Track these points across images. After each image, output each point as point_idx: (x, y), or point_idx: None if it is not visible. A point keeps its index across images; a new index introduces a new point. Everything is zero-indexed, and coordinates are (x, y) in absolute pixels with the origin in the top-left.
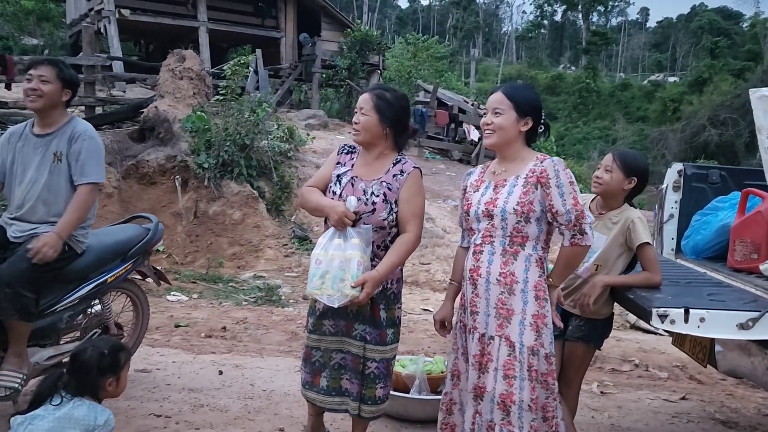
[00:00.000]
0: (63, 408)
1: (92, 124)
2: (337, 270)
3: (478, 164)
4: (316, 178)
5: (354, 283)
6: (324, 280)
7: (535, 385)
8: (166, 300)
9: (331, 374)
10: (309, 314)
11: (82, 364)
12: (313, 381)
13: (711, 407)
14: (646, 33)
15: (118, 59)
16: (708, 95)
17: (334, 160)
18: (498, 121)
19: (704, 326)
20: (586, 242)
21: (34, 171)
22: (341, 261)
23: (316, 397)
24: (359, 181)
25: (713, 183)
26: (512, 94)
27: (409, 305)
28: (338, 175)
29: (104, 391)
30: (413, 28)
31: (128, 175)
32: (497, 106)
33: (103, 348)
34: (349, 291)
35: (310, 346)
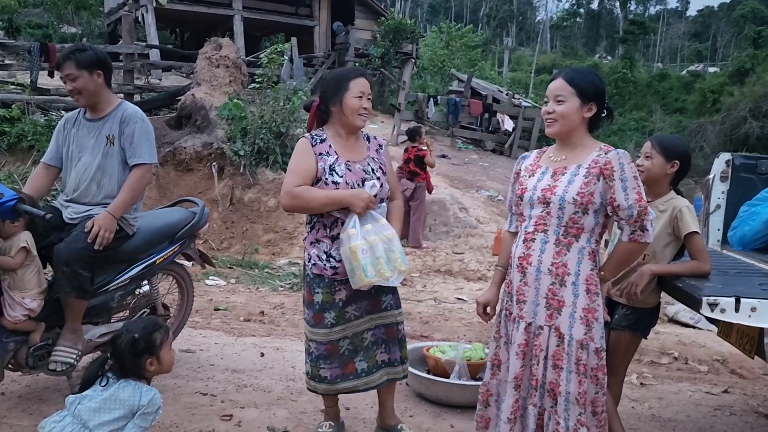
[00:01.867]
0: (110, 389)
1: None
2: (384, 252)
3: (512, 155)
4: (301, 175)
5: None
6: (378, 266)
7: (582, 379)
8: (204, 284)
9: (367, 354)
10: (321, 310)
11: (117, 349)
12: (344, 372)
13: (754, 401)
14: (686, 22)
15: (155, 47)
16: (750, 86)
17: (310, 153)
18: (561, 109)
19: (755, 315)
20: (646, 239)
21: (88, 154)
22: (384, 243)
23: (356, 383)
24: (354, 164)
25: (762, 174)
26: (574, 80)
27: (443, 294)
28: (330, 165)
29: (147, 371)
30: (446, 17)
31: (165, 161)
32: (559, 93)
33: (135, 332)
34: (403, 267)
35: (333, 340)
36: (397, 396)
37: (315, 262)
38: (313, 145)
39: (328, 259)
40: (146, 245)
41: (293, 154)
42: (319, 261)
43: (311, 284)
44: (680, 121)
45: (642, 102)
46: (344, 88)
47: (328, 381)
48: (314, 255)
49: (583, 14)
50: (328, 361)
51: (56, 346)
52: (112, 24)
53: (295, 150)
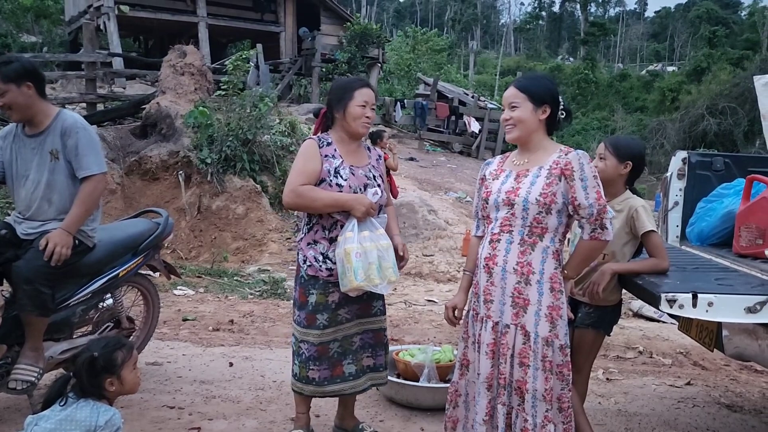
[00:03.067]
0: (67, 409)
1: (94, 121)
2: (377, 259)
3: (479, 156)
4: (306, 174)
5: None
6: (369, 271)
7: (549, 376)
8: (172, 294)
9: (355, 357)
10: (315, 311)
11: (77, 368)
12: (332, 374)
13: (716, 392)
14: (645, 23)
15: (118, 55)
16: (706, 84)
17: (317, 154)
18: (516, 114)
19: (712, 310)
20: (605, 237)
21: (34, 172)
22: (379, 251)
23: (343, 386)
24: (357, 169)
25: (717, 170)
26: (525, 86)
27: (413, 296)
28: (335, 167)
29: (108, 391)
30: (411, 21)
31: (131, 171)
32: (512, 100)
33: (95, 350)
34: (393, 277)
35: (324, 341)
36: (367, 401)
37: (311, 263)
38: (320, 147)
39: (324, 261)
40: (108, 258)
41: (299, 153)
42: (315, 262)
43: (305, 285)
44: (641, 120)
45: (604, 102)
46: (348, 96)
47: (316, 383)
48: (310, 256)
49: (545, 17)
50: (317, 363)
51: (16, 365)
52: (73, 32)
53: (301, 150)
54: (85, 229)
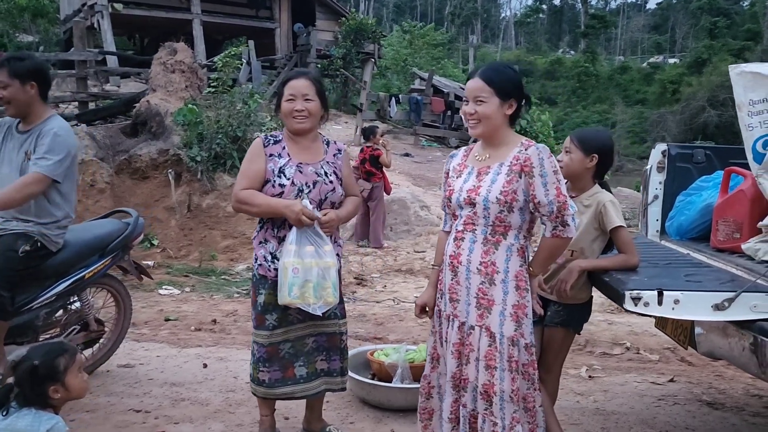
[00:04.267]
0: (8, 419)
1: (84, 120)
2: (316, 278)
3: None
4: (249, 177)
5: (322, 219)
6: (305, 289)
7: (515, 376)
8: (157, 294)
9: (307, 360)
10: (264, 311)
11: (17, 378)
12: (284, 376)
13: (698, 389)
14: (645, 15)
15: (111, 54)
16: (707, 76)
17: (261, 154)
18: (482, 109)
19: (678, 308)
20: (568, 234)
21: (7, 167)
22: (319, 269)
23: (294, 389)
24: (306, 166)
25: (698, 163)
26: (492, 79)
27: (403, 294)
28: (280, 167)
29: (52, 399)
30: (411, 16)
31: (121, 170)
32: (478, 94)
33: (35, 358)
34: (331, 299)
35: (274, 342)
36: (339, 402)
37: (261, 262)
38: (265, 146)
39: (273, 261)
40: (74, 259)
41: (246, 156)
42: (265, 262)
43: (256, 285)
44: (642, 112)
45: (604, 95)
46: (281, 92)
47: (266, 384)
48: (260, 255)
49: (546, 10)
50: (267, 364)
51: None
52: (68, 31)
53: (248, 151)
54: (51, 233)
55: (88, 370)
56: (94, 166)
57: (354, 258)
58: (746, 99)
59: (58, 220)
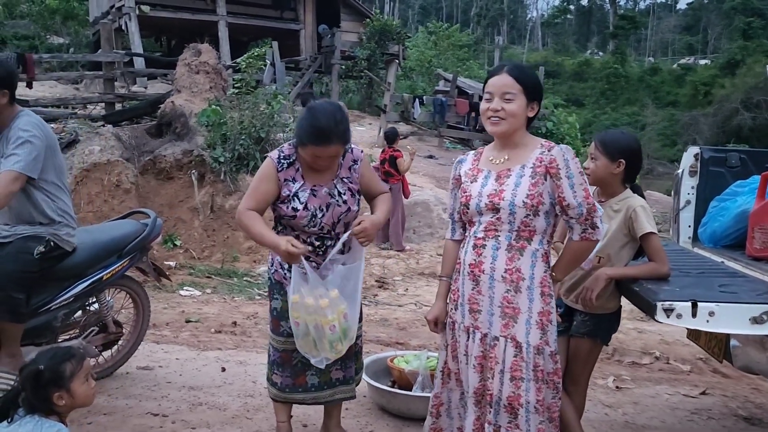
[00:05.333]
0: (11, 426)
1: (111, 121)
2: (315, 333)
3: None
4: (256, 198)
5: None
6: (306, 341)
7: (541, 386)
8: (179, 295)
9: (320, 370)
10: (279, 317)
11: (22, 383)
12: (294, 383)
13: (733, 403)
14: (676, 15)
15: (138, 55)
16: (741, 77)
17: (274, 178)
18: (510, 108)
19: (714, 321)
20: (596, 237)
21: None
22: (317, 325)
23: (304, 396)
24: (320, 188)
25: (732, 167)
26: (521, 78)
27: (426, 297)
28: (294, 191)
29: (57, 405)
30: (437, 18)
31: (146, 170)
32: (508, 90)
33: (41, 363)
34: (330, 354)
35: (288, 349)
36: (359, 410)
37: (276, 268)
38: (279, 171)
39: (289, 269)
40: (92, 260)
41: (256, 174)
42: (281, 268)
43: (271, 290)
44: (673, 114)
45: (634, 96)
46: (302, 144)
47: (278, 387)
48: (276, 261)
49: (574, 11)
50: (280, 369)
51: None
52: (96, 33)
53: (258, 171)
54: (59, 233)
55: (107, 372)
56: (120, 167)
57: (376, 261)
58: None
59: (56, 221)
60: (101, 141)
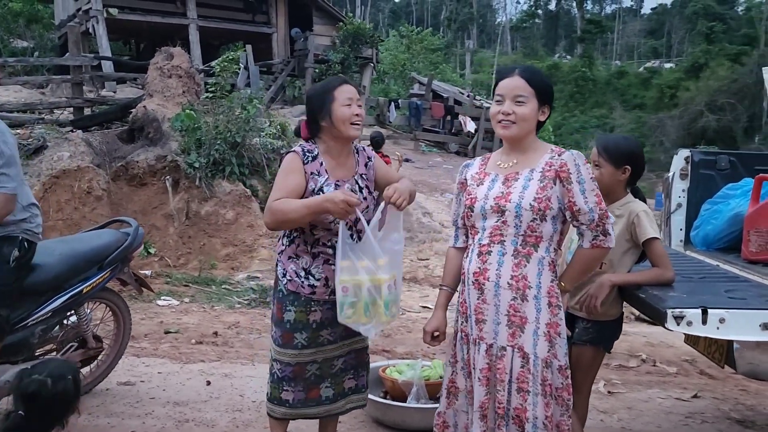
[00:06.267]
0: None
1: (80, 126)
2: (367, 297)
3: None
4: (286, 190)
5: (387, 193)
6: (355, 308)
7: (549, 401)
8: (156, 305)
9: (334, 381)
10: (293, 329)
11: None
12: (308, 396)
13: (725, 405)
14: (641, 20)
15: (106, 59)
16: (705, 81)
17: (301, 170)
18: (522, 111)
19: (724, 327)
20: (608, 244)
21: None
22: (371, 287)
23: (318, 410)
24: (343, 184)
25: (722, 169)
26: (534, 80)
27: (408, 303)
28: (320, 186)
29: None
30: (407, 21)
31: (117, 176)
32: (520, 93)
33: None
34: (385, 318)
35: (302, 362)
36: (352, 422)
37: (291, 278)
38: (305, 163)
39: (306, 277)
40: (69, 273)
41: (281, 169)
42: (297, 277)
43: (283, 301)
44: (640, 117)
45: (602, 99)
46: (330, 99)
47: (289, 405)
48: (291, 270)
49: (542, 15)
50: (292, 384)
51: None
52: (62, 36)
53: (283, 165)
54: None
55: (86, 388)
56: (91, 173)
57: None
58: None
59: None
60: (70, 147)
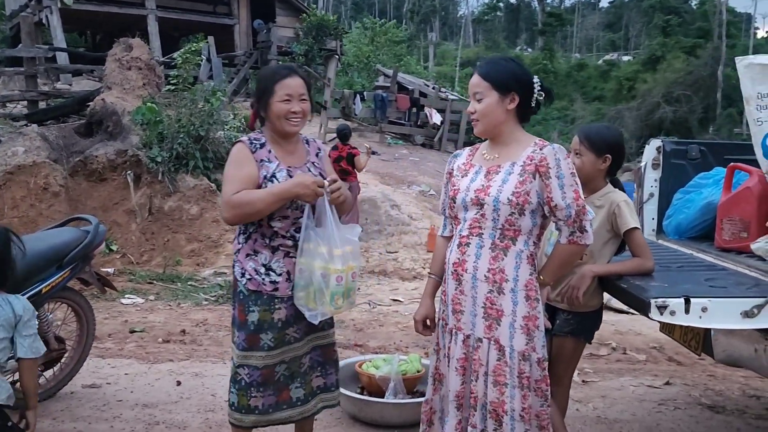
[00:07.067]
0: None
1: (35, 120)
2: (318, 283)
3: (441, 148)
4: (242, 181)
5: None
6: (307, 292)
7: (527, 393)
8: (120, 303)
9: (304, 380)
10: (257, 330)
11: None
12: (278, 400)
13: (695, 391)
14: (599, 13)
15: (61, 50)
16: (662, 73)
17: (251, 159)
18: (480, 107)
19: (706, 316)
20: (584, 241)
21: None
22: (323, 273)
23: (290, 414)
24: (295, 170)
25: (693, 159)
26: (489, 73)
27: (378, 296)
28: (272, 172)
29: None
30: (370, 13)
31: (76, 172)
32: (476, 90)
33: None
34: (329, 308)
35: (271, 364)
36: (329, 420)
37: (251, 276)
38: (253, 152)
39: (267, 273)
40: (28, 272)
41: (229, 161)
42: (257, 275)
43: (245, 302)
44: (599, 109)
45: (563, 91)
46: (269, 92)
47: (259, 411)
48: (250, 269)
49: (503, 8)
50: (261, 389)
51: None
52: (14, 27)
53: (231, 156)
54: None
55: (50, 393)
56: (47, 169)
57: None
58: (754, 92)
59: None
60: (25, 141)
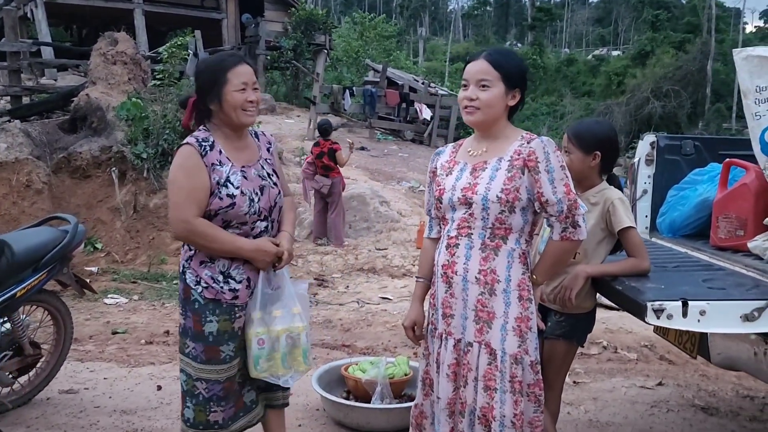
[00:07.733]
0: None
1: (18, 115)
2: (285, 347)
3: (431, 144)
4: (196, 198)
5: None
6: (273, 360)
7: (519, 399)
8: (103, 303)
9: (253, 382)
10: (217, 342)
11: None
12: (236, 409)
13: (688, 392)
14: (589, 8)
15: (46, 44)
16: (651, 68)
17: (201, 165)
18: (485, 96)
19: (705, 320)
20: (578, 236)
21: None
22: (289, 336)
23: (248, 419)
24: (249, 169)
25: (687, 154)
26: (501, 63)
27: (367, 294)
28: (226, 177)
29: None
30: (359, 8)
31: (59, 168)
32: (483, 77)
33: None
34: (303, 367)
35: (232, 376)
36: (313, 425)
37: (207, 284)
38: (203, 155)
39: (226, 281)
40: (3, 275)
41: (178, 165)
42: (214, 283)
43: (201, 312)
44: (589, 104)
45: (552, 87)
46: (222, 81)
47: (219, 426)
48: (206, 276)
49: (493, 3)
50: (222, 403)
51: None
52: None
53: (179, 161)
54: None
55: (24, 399)
56: (30, 165)
57: (313, 258)
58: (753, 85)
59: None
60: (8, 138)
